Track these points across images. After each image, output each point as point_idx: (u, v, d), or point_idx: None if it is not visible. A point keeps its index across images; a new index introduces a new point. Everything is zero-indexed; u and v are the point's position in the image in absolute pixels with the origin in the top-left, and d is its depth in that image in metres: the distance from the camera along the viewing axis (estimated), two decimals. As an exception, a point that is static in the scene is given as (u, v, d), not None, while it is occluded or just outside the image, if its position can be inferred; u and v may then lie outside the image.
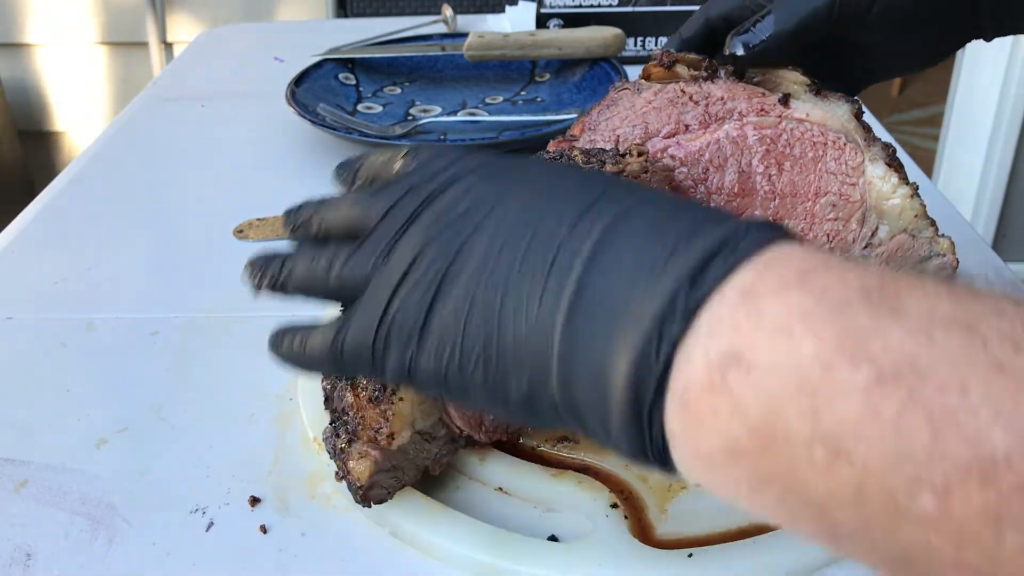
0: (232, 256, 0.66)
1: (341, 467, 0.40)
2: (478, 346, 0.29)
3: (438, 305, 0.30)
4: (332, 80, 0.93)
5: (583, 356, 0.26)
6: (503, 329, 0.28)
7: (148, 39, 1.96)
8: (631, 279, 0.26)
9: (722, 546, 0.40)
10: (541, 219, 0.29)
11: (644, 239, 0.26)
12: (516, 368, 0.28)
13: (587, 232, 0.28)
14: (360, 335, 0.32)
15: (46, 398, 0.51)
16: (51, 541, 0.42)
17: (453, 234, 0.31)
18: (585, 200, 0.29)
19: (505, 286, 0.28)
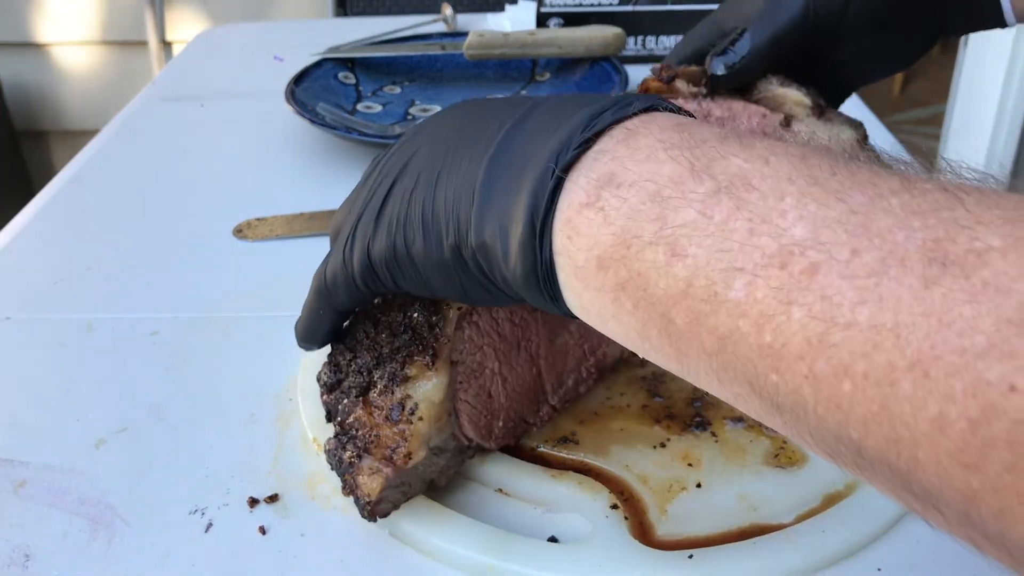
0: (232, 256, 0.66)
1: (349, 481, 0.39)
2: (417, 211, 0.33)
3: (391, 193, 0.35)
4: (332, 79, 0.93)
5: (494, 198, 0.31)
6: (437, 192, 0.33)
7: (147, 38, 1.96)
8: (540, 134, 0.31)
9: (722, 547, 0.40)
10: (481, 113, 0.34)
11: (554, 111, 0.31)
12: (446, 222, 0.32)
13: (512, 114, 0.32)
14: (336, 254, 0.37)
15: (45, 398, 0.51)
16: (50, 542, 0.42)
17: (400, 155, 0.36)
18: (514, 102, 0.34)
19: (443, 162, 0.33)
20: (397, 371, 0.38)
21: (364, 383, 0.39)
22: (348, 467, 0.39)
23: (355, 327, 0.40)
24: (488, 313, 0.41)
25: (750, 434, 0.46)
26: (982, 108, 1.76)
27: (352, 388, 0.39)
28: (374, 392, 0.39)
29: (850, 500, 0.42)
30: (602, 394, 0.49)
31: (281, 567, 0.40)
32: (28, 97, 2.04)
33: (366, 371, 0.39)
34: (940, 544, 0.41)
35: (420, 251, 0.33)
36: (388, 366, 0.39)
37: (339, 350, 0.40)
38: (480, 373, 0.41)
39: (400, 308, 0.39)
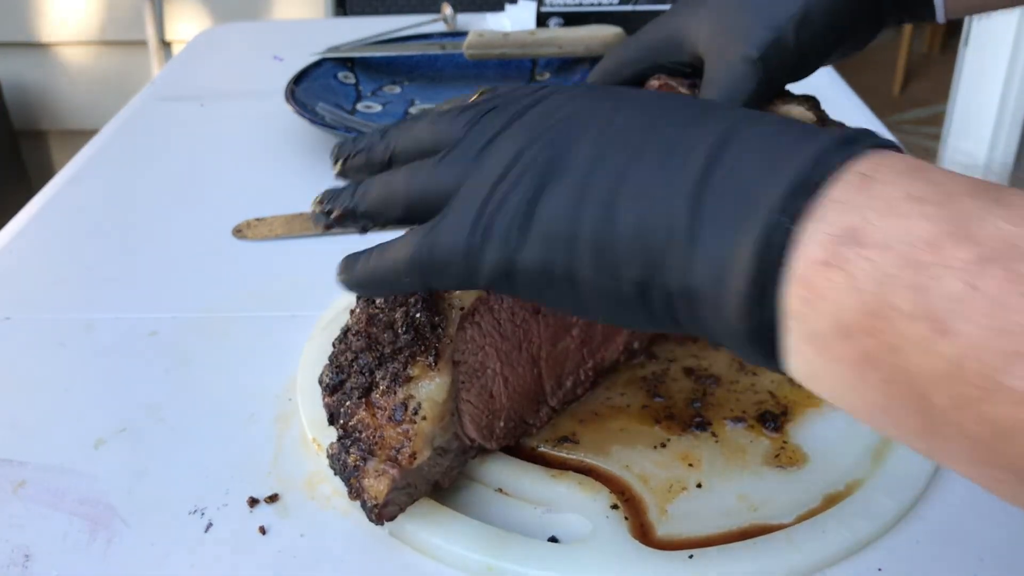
0: (232, 256, 0.66)
1: (355, 485, 0.39)
2: (589, 233, 0.29)
3: (545, 197, 0.30)
4: (331, 79, 0.93)
5: (706, 240, 0.27)
6: (619, 215, 0.28)
7: (147, 38, 1.96)
8: (754, 168, 0.27)
9: (722, 547, 0.40)
10: (654, 121, 0.30)
11: (767, 134, 0.28)
12: (630, 254, 0.28)
13: (707, 129, 0.28)
14: (452, 235, 0.31)
15: (45, 398, 0.51)
16: (49, 542, 0.42)
17: (556, 134, 0.31)
18: (694, 109, 0.30)
19: (623, 174, 0.29)
20: (400, 371, 0.38)
21: (367, 383, 0.39)
22: (353, 470, 0.38)
23: (354, 326, 0.40)
24: (490, 314, 0.41)
25: (750, 434, 0.46)
26: (982, 108, 1.76)
27: (355, 389, 0.39)
28: (376, 393, 0.39)
29: (850, 500, 0.42)
30: (602, 394, 0.49)
31: (281, 567, 0.40)
32: (28, 97, 2.04)
33: (368, 371, 0.39)
34: (940, 544, 0.41)
35: (588, 280, 0.29)
36: (390, 366, 0.38)
37: (341, 350, 0.40)
38: (482, 373, 0.41)
39: (402, 307, 0.39)
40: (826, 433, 0.46)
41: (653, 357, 0.51)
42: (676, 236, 0.27)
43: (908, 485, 0.42)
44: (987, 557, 0.40)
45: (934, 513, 0.42)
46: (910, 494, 0.42)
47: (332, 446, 0.40)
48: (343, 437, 0.39)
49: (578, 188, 0.29)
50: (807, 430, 0.46)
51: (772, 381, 0.49)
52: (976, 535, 0.41)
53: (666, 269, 0.28)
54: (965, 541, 0.41)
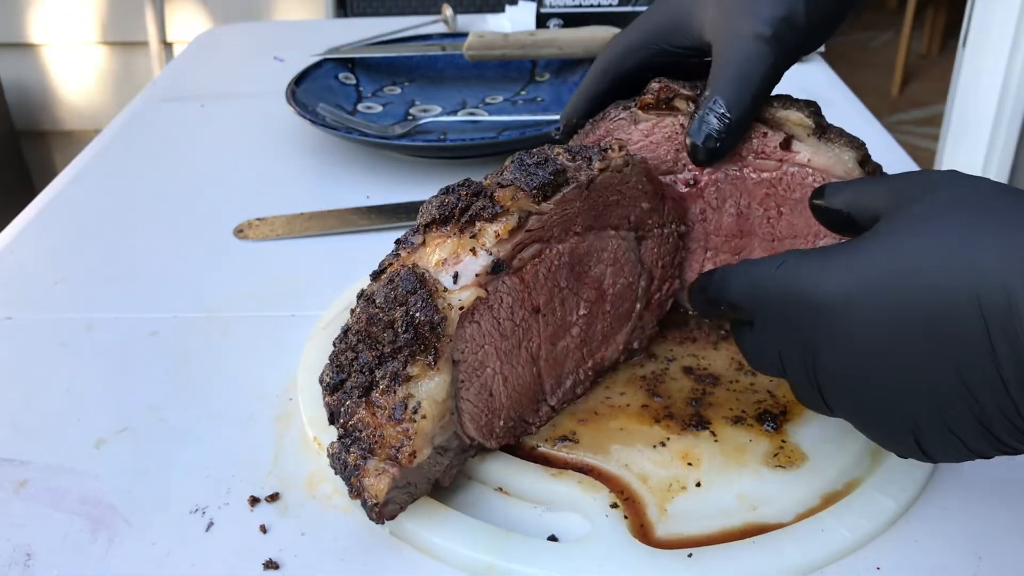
0: (232, 256, 0.66)
1: (355, 484, 0.39)
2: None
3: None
4: (332, 80, 0.93)
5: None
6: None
7: (148, 39, 1.96)
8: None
9: (721, 546, 0.40)
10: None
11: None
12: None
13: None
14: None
15: (46, 398, 0.51)
16: (51, 541, 0.42)
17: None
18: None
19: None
20: (399, 370, 0.38)
21: (367, 382, 0.39)
22: (353, 470, 0.39)
23: (354, 326, 0.40)
24: (489, 312, 0.41)
25: (749, 434, 0.46)
26: (981, 108, 1.76)
27: (355, 388, 0.39)
28: (376, 392, 0.39)
29: (849, 499, 0.42)
30: (602, 393, 0.49)
31: (282, 566, 0.40)
32: (29, 97, 2.04)
33: (368, 370, 0.39)
34: (939, 543, 0.41)
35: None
36: (390, 365, 0.39)
37: (341, 349, 0.41)
38: (481, 372, 0.42)
39: (401, 307, 0.39)
40: (825, 433, 0.46)
41: (653, 357, 0.51)
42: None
43: (907, 484, 0.43)
44: (986, 556, 0.40)
45: (933, 512, 0.42)
46: (909, 493, 0.42)
47: (332, 445, 0.40)
48: (343, 436, 0.39)
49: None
50: (806, 430, 0.46)
51: (771, 381, 0.49)
52: (975, 534, 0.41)
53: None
54: (964, 540, 0.41)
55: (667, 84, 0.49)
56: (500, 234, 0.40)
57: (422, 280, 0.39)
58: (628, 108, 0.50)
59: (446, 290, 0.39)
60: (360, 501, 0.39)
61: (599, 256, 0.46)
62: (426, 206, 0.42)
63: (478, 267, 0.40)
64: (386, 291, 0.39)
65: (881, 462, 0.44)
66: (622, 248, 0.47)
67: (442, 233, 0.41)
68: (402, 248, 0.41)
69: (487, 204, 0.41)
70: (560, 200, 0.42)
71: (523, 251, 0.42)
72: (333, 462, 0.40)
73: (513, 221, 0.40)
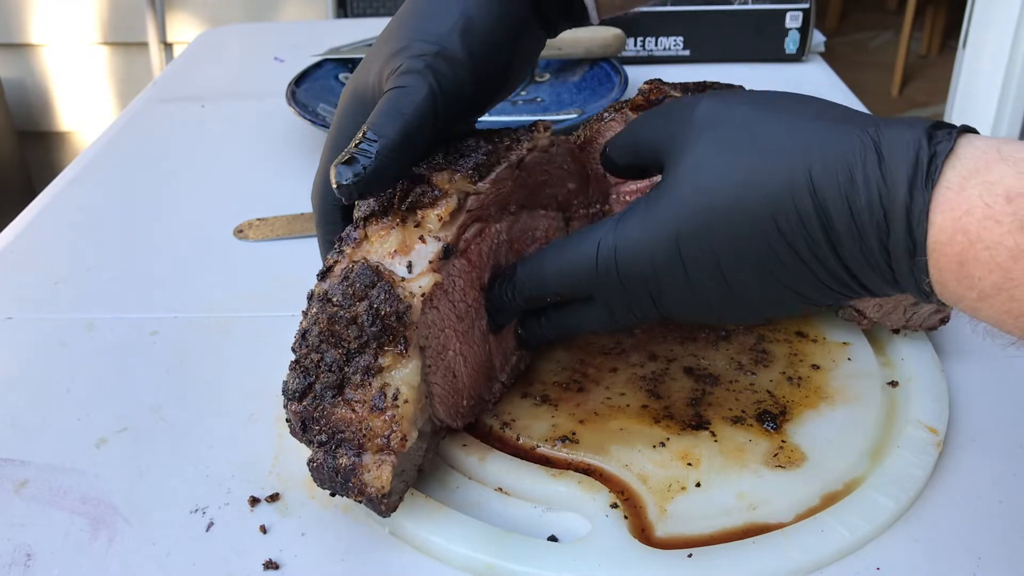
0: (232, 256, 0.66)
1: (355, 484, 0.39)
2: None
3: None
4: (332, 80, 0.93)
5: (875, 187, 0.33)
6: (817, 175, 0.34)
7: (148, 39, 1.96)
8: (910, 133, 0.33)
9: (721, 546, 0.40)
10: (822, 107, 0.37)
11: (901, 119, 0.34)
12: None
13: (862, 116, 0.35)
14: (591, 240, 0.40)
15: (46, 398, 0.52)
16: (51, 541, 0.42)
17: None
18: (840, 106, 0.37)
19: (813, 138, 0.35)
20: (371, 363, 0.39)
21: (337, 380, 0.39)
22: (349, 470, 0.38)
23: (314, 327, 0.40)
24: (445, 296, 0.42)
25: (749, 434, 0.46)
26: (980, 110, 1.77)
27: (327, 389, 0.39)
28: (350, 388, 0.39)
29: (849, 500, 0.42)
30: (602, 394, 0.49)
31: (282, 566, 0.40)
32: (29, 97, 2.04)
33: (336, 368, 0.39)
34: (938, 544, 0.41)
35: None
36: (360, 359, 0.39)
37: (303, 353, 0.40)
38: (444, 355, 0.42)
39: (362, 301, 0.39)
40: (825, 433, 0.46)
41: (653, 357, 0.51)
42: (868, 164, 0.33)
43: (906, 485, 0.43)
44: (986, 557, 0.40)
45: (933, 513, 0.42)
46: (908, 494, 0.42)
47: (314, 457, 0.39)
48: (325, 442, 0.39)
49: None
50: (806, 430, 0.46)
51: (771, 381, 0.49)
52: (975, 535, 0.41)
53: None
54: (964, 541, 0.41)
55: (658, 85, 0.49)
56: (443, 217, 0.41)
57: (378, 272, 0.39)
58: (620, 109, 0.51)
59: (403, 279, 0.40)
60: (364, 499, 0.39)
61: (532, 235, 0.47)
62: (361, 201, 0.42)
63: (430, 253, 0.40)
64: (343, 288, 0.39)
65: (881, 463, 0.44)
66: (552, 227, 0.49)
67: (383, 225, 0.41)
68: (345, 245, 0.41)
69: (426, 189, 0.41)
70: (494, 180, 0.43)
71: (466, 232, 0.42)
72: (318, 474, 0.39)
73: (453, 203, 0.41)
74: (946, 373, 0.50)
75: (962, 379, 0.51)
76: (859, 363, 0.51)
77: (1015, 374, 0.51)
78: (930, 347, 0.52)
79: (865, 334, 0.53)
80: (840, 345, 0.52)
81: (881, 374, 0.50)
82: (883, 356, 0.52)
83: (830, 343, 0.52)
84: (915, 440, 0.45)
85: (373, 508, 0.39)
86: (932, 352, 0.51)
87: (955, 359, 0.52)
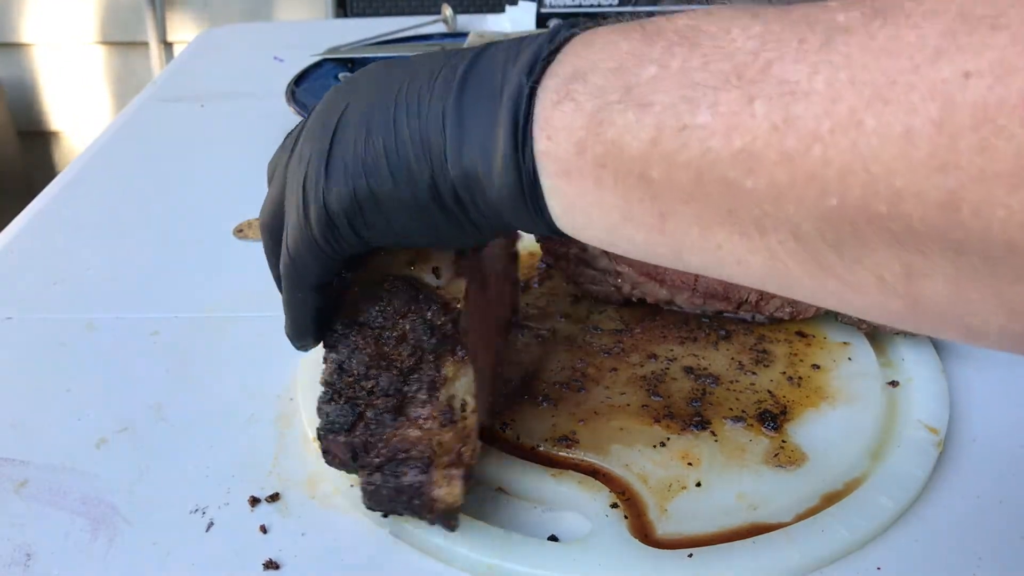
0: (232, 256, 0.66)
1: (425, 502, 0.38)
2: (379, 154, 0.33)
3: (335, 147, 0.34)
4: (332, 80, 0.93)
5: (471, 127, 0.31)
6: (400, 129, 0.33)
7: (148, 39, 1.96)
8: (502, 64, 0.32)
9: (721, 546, 0.40)
10: (416, 67, 0.34)
11: (508, 46, 0.32)
12: (417, 161, 0.32)
13: (460, 57, 0.33)
14: (293, 226, 0.36)
15: (46, 398, 0.51)
16: (51, 541, 0.42)
17: (330, 111, 0.35)
18: (447, 52, 0.35)
19: (396, 100, 0.33)
20: (435, 376, 0.37)
21: (396, 403, 0.38)
22: (417, 488, 0.37)
23: (354, 356, 0.39)
24: (468, 300, 0.41)
25: (749, 433, 0.46)
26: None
27: (384, 413, 0.38)
28: (413, 407, 0.38)
29: (849, 499, 0.42)
30: (602, 393, 0.49)
31: (282, 566, 0.40)
32: (28, 97, 2.04)
33: (394, 390, 0.38)
34: (939, 544, 0.41)
35: (389, 193, 0.33)
36: (419, 375, 0.38)
37: (347, 383, 0.39)
38: (475, 356, 0.42)
39: (409, 315, 0.38)
40: (825, 432, 0.46)
41: (653, 356, 0.51)
42: (448, 131, 0.32)
43: (907, 484, 0.43)
44: (986, 557, 0.40)
45: (933, 512, 0.42)
46: (908, 494, 0.42)
47: (369, 481, 0.38)
48: (382, 464, 0.38)
49: (362, 125, 0.34)
50: (806, 429, 0.46)
51: (771, 380, 0.49)
52: (975, 534, 0.41)
53: (447, 163, 0.32)
54: (964, 540, 0.41)
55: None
56: None
57: (415, 285, 0.38)
58: None
59: (438, 287, 0.39)
60: (433, 516, 0.38)
61: None
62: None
63: (451, 255, 0.39)
64: (381, 308, 0.38)
65: (881, 462, 0.44)
66: None
67: None
68: (346, 272, 0.40)
69: None
70: None
71: None
72: (375, 496, 0.38)
73: None
74: (946, 373, 0.50)
75: (962, 379, 0.51)
76: (859, 363, 0.51)
77: (1015, 374, 0.51)
78: (930, 347, 0.52)
79: (865, 334, 0.53)
80: (840, 345, 0.52)
81: (881, 374, 0.50)
82: (883, 356, 0.52)
83: (830, 343, 0.52)
84: (915, 440, 0.45)
85: (443, 524, 0.38)
86: (932, 352, 0.51)
87: (955, 359, 0.52)
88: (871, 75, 0.23)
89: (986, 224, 0.21)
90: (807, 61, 0.24)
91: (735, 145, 0.25)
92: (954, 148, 0.21)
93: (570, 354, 0.52)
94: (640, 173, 0.28)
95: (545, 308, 0.56)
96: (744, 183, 0.25)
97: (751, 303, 0.53)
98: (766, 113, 0.24)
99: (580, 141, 0.29)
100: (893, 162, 0.22)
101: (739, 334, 0.53)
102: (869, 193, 0.23)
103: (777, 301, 0.52)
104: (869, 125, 0.23)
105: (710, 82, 0.26)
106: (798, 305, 0.53)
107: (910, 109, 0.22)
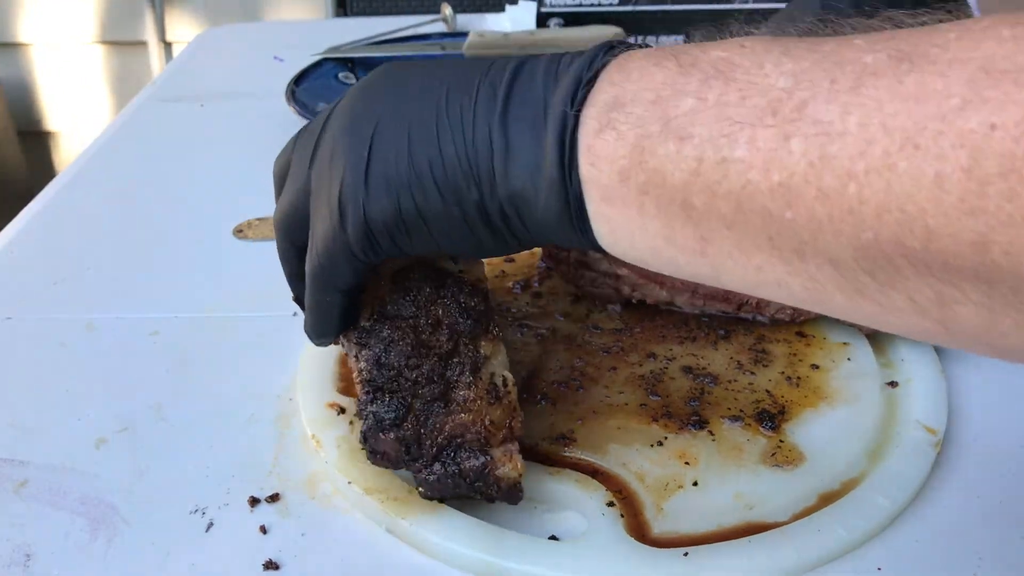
0: (232, 256, 0.67)
1: (492, 482, 0.38)
2: (424, 169, 0.34)
3: (374, 158, 0.35)
4: (332, 79, 0.93)
5: (518, 149, 0.32)
6: (445, 146, 0.34)
7: (147, 38, 1.96)
8: (543, 86, 0.33)
9: (718, 545, 0.40)
10: (442, 76, 0.35)
11: (547, 63, 0.34)
12: (466, 180, 0.33)
13: (501, 70, 0.34)
14: (323, 231, 0.36)
15: (45, 398, 0.52)
16: (51, 541, 0.42)
17: (366, 109, 0.36)
18: (477, 63, 0.35)
19: (437, 115, 0.34)
20: (476, 356, 0.38)
21: (442, 389, 0.38)
22: (481, 470, 0.38)
23: (391, 348, 0.39)
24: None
25: (747, 433, 0.46)
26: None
27: (432, 402, 0.38)
28: (459, 390, 0.38)
29: (846, 499, 0.42)
30: (600, 392, 0.49)
31: (282, 567, 0.40)
32: (28, 97, 2.04)
33: (438, 376, 0.38)
34: (939, 543, 0.41)
35: (436, 211, 0.34)
36: (460, 358, 0.38)
37: (390, 378, 0.39)
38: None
39: (440, 300, 0.39)
40: (823, 432, 0.46)
41: (652, 356, 0.51)
42: (496, 153, 0.33)
43: (904, 485, 0.43)
44: (986, 556, 0.40)
45: (933, 512, 0.42)
46: (905, 494, 0.42)
47: (430, 472, 0.38)
48: (438, 454, 0.38)
49: (403, 135, 0.34)
50: (804, 429, 0.46)
51: (770, 380, 0.49)
52: (975, 534, 0.41)
53: (495, 183, 0.33)
54: (964, 540, 0.41)
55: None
56: None
57: (439, 271, 0.39)
58: None
59: (461, 271, 0.40)
60: (500, 494, 0.39)
61: None
62: None
63: None
64: (412, 297, 0.39)
65: (879, 462, 0.44)
66: None
67: None
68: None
69: None
70: None
71: None
72: (438, 486, 0.38)
73: None
74: (946, 373, 0.50)
75: (962, 379, 0.51)
76: (859, 363, 0.51)
77: (1015, 374, 0.51)
78: (930, 347, 0.52)
79: (865, 335, 0.53)
80: (840, 345, 0.52)
81: (881, 374, 0.50)
82: (883, 356, 0.52)
83: (830, 343, 0.52)
84: (913, 440, 0.45)
85: (510, 499, 0.39)
86: (932, 352, 0.51)
87: (955, 359, 0.52)
88: (901, 121, 0.24)
89: (1016, 262, 0.23)
90: (838, 101, 0.25)
91: (773, 179, 0.26)
92: (983, 194, 0.23)
93: (569, 353, 0.52)
94: (682, 201, 0.29)
95: (545, 307, 0.56)
96: (784, 214, 0.27)
97: (752, 304, 0.53)
98: (803, 151, 0.26)
99: (623, 169, 0.30)
100: (926, 204, 0.24)
101: (738, 334, 0.53)
102: (904, 231, 0.24)
103: (778, 303, 0.53)
104: (902, 168, 0.24)
105: (747, 118, 0.27)
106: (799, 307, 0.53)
107: (940, 155, 0.23)
